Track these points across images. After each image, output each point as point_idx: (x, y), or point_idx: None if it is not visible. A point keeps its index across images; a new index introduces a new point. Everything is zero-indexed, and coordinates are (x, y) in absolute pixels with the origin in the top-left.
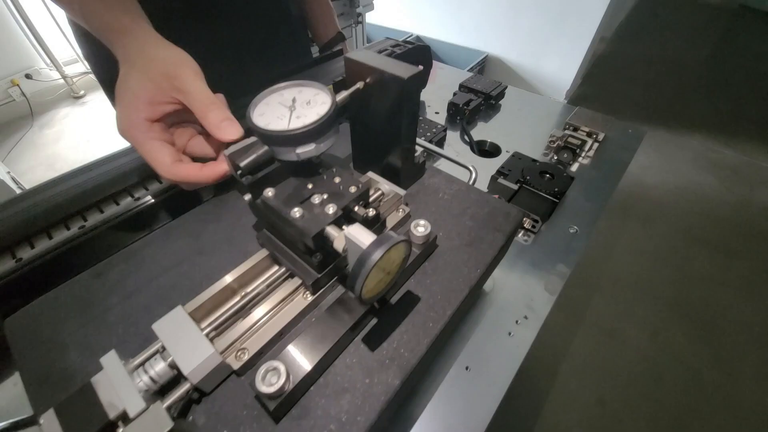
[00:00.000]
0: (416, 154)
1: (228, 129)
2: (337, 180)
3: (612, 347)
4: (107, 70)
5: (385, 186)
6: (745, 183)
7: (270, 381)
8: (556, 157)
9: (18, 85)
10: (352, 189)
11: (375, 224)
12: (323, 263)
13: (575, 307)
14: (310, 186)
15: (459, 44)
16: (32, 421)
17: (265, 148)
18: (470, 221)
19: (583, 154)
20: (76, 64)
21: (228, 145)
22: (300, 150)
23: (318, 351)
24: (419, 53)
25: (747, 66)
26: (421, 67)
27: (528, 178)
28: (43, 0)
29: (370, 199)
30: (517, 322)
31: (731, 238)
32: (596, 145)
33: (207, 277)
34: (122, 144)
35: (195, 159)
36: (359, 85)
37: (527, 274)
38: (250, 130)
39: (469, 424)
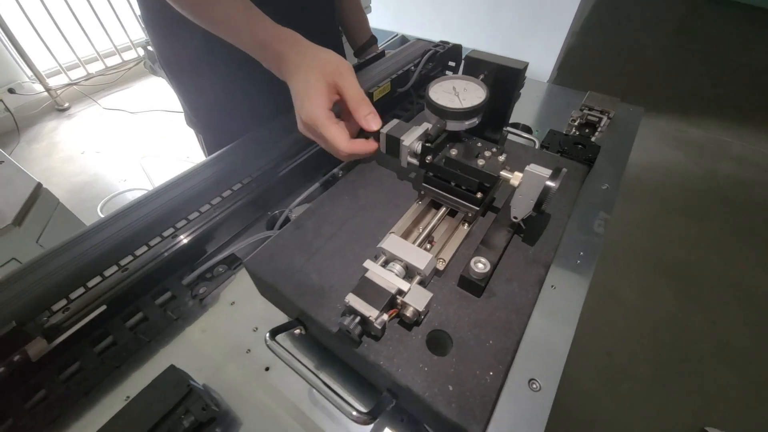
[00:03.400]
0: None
1: (372, 120)
2: (479, 144)
3: (612, 307)
4: (175, 59)
5: None
6: (709, 157)
7: (478, 267)
8: (578, 133)
9: (1, 100)
10: (494, 149)
11: None
12: (482, 200)
13: None
14: (471, 149)
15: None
16: (297, 321)
17: (444, 121)
18: None
19: (599, 129)
20: (59, 76)
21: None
22: (467, 122)
23: (497, 251)
24: (455, 50)
25: (702, 50)
26: (528, 62)
27: (566, 148)
28: (22, 10)
29: None
30: (581, 253)
31: (701, 205)
32: (608, 121)
33: (380, 224)
34: (118, 150)
35: None
36: (482, 76)
37: (578, 223)
38: (431, 107)
39: (557, 335)
